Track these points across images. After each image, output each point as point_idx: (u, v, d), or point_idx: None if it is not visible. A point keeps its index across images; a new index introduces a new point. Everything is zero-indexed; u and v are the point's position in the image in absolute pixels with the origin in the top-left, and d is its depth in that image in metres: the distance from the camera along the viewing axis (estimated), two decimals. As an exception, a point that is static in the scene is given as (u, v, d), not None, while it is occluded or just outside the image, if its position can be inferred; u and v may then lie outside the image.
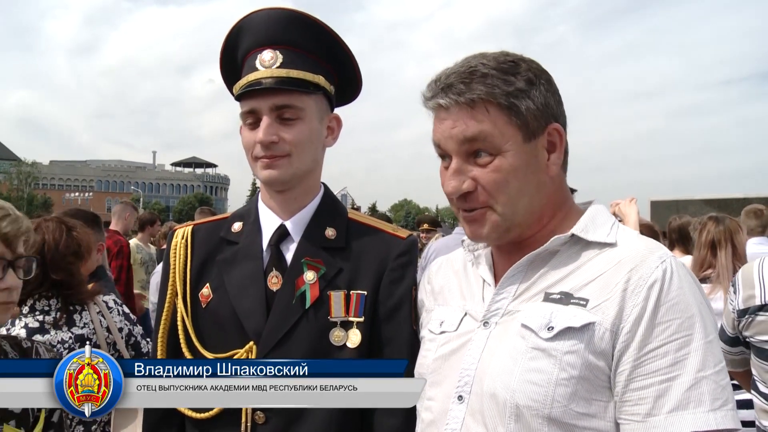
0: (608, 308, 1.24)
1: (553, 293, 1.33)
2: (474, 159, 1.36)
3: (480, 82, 1.34)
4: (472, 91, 1.33)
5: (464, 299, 1.54)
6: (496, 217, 1.38)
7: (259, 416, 1.59)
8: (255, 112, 1.66)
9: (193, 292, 1.74)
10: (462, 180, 1.37)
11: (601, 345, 1.23)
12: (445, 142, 1.38)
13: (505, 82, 1.34)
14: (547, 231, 1.43)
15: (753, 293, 2.91)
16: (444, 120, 1.38)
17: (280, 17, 1.68)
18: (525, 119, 1.35)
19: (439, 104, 1.37)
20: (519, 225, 1.40)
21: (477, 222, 1.40)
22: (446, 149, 1.39)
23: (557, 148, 1.41)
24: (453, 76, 1.37)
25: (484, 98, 1.33)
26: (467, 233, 1.47)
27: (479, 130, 1.33)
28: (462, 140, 1.35)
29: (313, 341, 1.62)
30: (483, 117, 1.33)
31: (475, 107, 1.33)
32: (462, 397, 1.37)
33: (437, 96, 1.38)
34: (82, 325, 2.49)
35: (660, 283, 1.22)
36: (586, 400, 1.23)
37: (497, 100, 1.33)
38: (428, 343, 1.54)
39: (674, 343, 1.19)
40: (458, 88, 1.34)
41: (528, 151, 1.36)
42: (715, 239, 4.02)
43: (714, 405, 1.16)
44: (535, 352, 1.27)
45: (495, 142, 1.33)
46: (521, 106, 1.34)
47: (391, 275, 1.69)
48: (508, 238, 1.42)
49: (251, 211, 1.82)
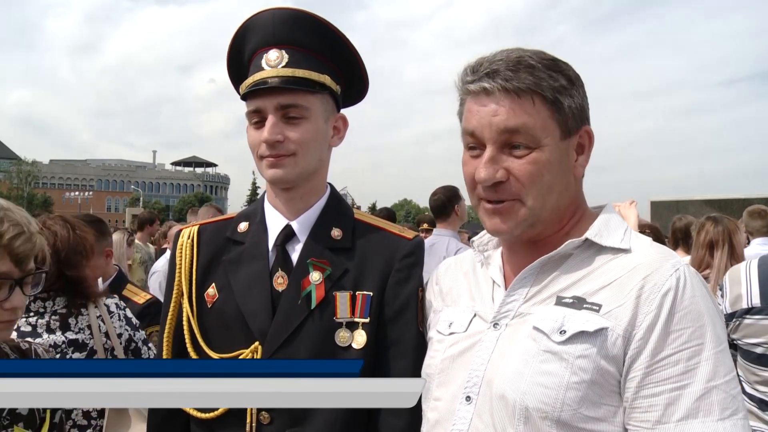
0: (621, 314, 1.24)
1: (566, 297, 1.33)
2: (510, 150, 1.35)
3: (527, 72, 1.33)
4: (520, 80, 1.32)
5: (473, 300, 1.53)
6: (525, 211, 1.37)
7: (264, 416, 1.59)
8: (260, 111, 1.66)
9: (198, 292, 1.74)
10: (496, 169, 1.35)
11: (613, 350, 1.23)
12: (482, 129, 1.36)
13: (551, 77, 1.34)
14: (563, 233, 1.43)
15: (740, 296, 2.91)
16: (485, 105, 1.36)
17: (287, 17, 1.68)
18: (565, 116, 1.35)
19: (483, 88, 1.35)
20: (543, 222, 1.40)
21: (503, 215, 1.39)
22: (482, 137, 1.37)
23: (585, 151, 1.42)
24: (499, 62, 1.35)
25: (533, 89, 1.32)
26: (488, 226, 1.45)
27: (522, 123, 1.32)
28: (503, 130, 1.33)
29: (318, 342, 1.61)
30: (528, 109, 1.32)
31: (521, 97, 1.33)
32: (470, 398, 1.37)
33: (482, 80, 1.35)
34: (77, 330, 2.41)
35: (674, 292, 1.23)
36: (595, 404, 1.23)
37: (543, 93, 1.33)
38: (436, 344, 1.54)
39: (686, 352, 1.20)
40: (506, 74, 1.33)
41: (563, 149, 1.37)
42: (713, 239, 4.03)
43: (723, 414, 1.17)
44: (546, 355, 1.27)
45: (536, 136, 1.33)
46: (564, 102, 1.35)
47: (397, 276, 1.69)
48: (529, 234, 1.42)
49: (257, 211, 1.82)
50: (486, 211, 1.42)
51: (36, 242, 1.56)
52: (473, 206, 1.49)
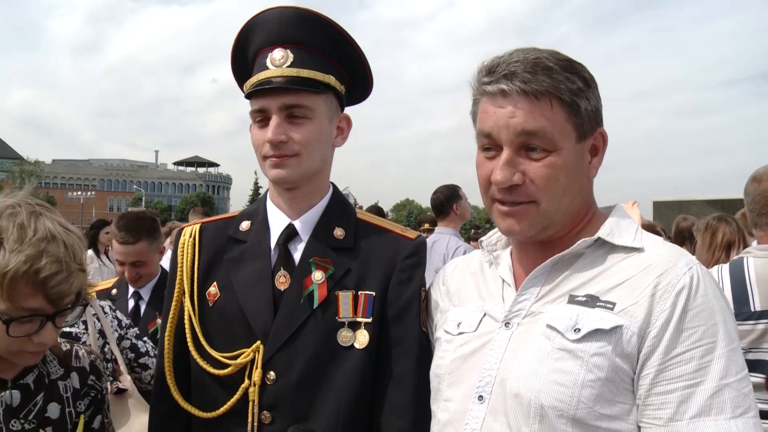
0: (636, 312, 1.25)
1: (579, 296, 1.33)
2: (526, 152, 1.35)
3: (545, 74, 1.32)
4: (539, 82, 1.32)
5: (483, 300, 1.53)
6: (539, 214, 1.37)
7: (265, 416, 1.59)
8: (264, 111, 1.65)
9: (200, 291, 1.74)
10: (513, 172, 1.35)
11: (628, 348, 1.23)
12: (499, 131, 1.35)
13: (568, 79, 1.34)
14: (575, 233, 1.43)
15: None
16: (502, 107, 1.35)
17: (292, 16, 1.68)
18: (582, 119, 1.35)
19: (501, 89, 1.34)
20: (557, 224, 1.40)
21: (517, 216, 1.39)
22: (498, 139, 1.36)
23: (599, 153, 1.42)
24: (516, 64, 1.34)
25: (551, 91, 1.32)
26: (502, 227, 1.45)
27: (540, 126, 1.32)
28: (520, 132, 1.33)
29: (320, 341, 1.61)
30: (547, 112, 1.32)
31: (540, 99, 1.32)
32: (483, 397, 1.36)
33: (499, 81, 1.35)
34: (72, 323, 2.44)
35: (688, 290, 1.23)
36: (610, 402, 1.23)
37: (561, 96, 1.33)
38: (445, 344, 1.53)
39: (698, 350, 1.20)
40: (524, 77, 1.33)
41: (578, 152, 1.37)
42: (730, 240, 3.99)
43: (735, 412, 1.17)
44: (561, 353, 1.27)
45: (553, 139, 1.33)
46: (581, 105, 1.35)
47: (400, 276, 1.69)
48: (543, 236, 1.42)
49: (259, 210, 1.81)
50: (500, 212, 1.42)
51: (73, 282, 1.45)
52: (486, 207, 1.48)
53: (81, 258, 1.50)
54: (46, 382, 1.63)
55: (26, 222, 1.42)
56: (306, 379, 1.59)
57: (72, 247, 1.47)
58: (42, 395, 1.61)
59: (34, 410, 1.58)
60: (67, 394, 1.66)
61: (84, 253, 1.54)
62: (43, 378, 1.63)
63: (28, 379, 1.60)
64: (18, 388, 1.57)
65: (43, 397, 1.60)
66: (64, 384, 1.67)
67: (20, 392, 1.57)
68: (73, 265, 1.46)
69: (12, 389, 1.56)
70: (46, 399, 1.61)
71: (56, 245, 1.43)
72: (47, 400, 1.61)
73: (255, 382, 1.59)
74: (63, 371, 1.69)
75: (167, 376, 1.73)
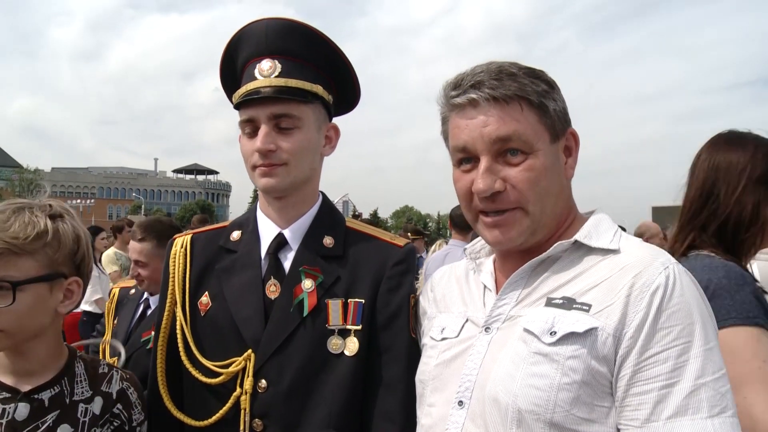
0: (611, 314, 1.25)
1: (555, 298, 1.34)
2: (504, 159, 1.36)
3: (511, 79, 1.35)
4: (506, 87, 1.34)
5: (465, 306, 1.54)
6: (527, 219, 1.38)
7: (257, 424, 1.59)
8: (253, 121, 1.67)
9: (192, 301, 1.75)
10: (494, 179, 1.36)
11: (603, 350, 1.23)
12: (474, 142, 1.37)
13: (533, 83, 1.36)
14: (557, 238, 1.43)
15: None
16: (473, 118, 1.37)
17: (279, 27, 1.70)
18: (552, 119, 1.37)
19: (471, 99, 1.37)
20: (544, 227, 1.41)
21: (503, 225, 1.40)
22: (474, 150, 1.38)
23: (573, 153, 1.44)
24: (481, 74, 1.37)
25: (519, 95, 1.34)
26: (489, 239, 1.45)
27: (514, 130, 1.34)
28: (495, 139, 1.35)
29: (310, 349, 1.62)
30: (518, 115, 1.34)
31: (509, 104, 1.34)
32: (462, 402, 1.37)
33: (468, 92, 1.37)
34: None
35: (663, 290, 1.23)
36: (588, 405, 1.23)
37: (530, 98, 1.35)
38: (429, 350, 1.55)
39: (674, 350, 1.20)
40: (491, 84, 1.35)
41: (554, 153, 1.39)
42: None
43: (712, 412, 1.17)
44: (537, 357, 1.27)
45: (529, 141, 1.34)
46: (549, 105, 1.37)
47: (389, 283, 1.70)
48: (532, 241, 1.42)
49: (250, 220, 1.83)
50: (485, 224, 1.43)
51: None
52: (470, 221, 1.48)
53: (16, 236, 1.49)
54: (66, 402, 1.58)
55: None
56: (297, 387, 1.60)
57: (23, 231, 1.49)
58: (55, 415, 1.54)
59: (41, 428, 1.52)
60: (85, 418, 1.60)
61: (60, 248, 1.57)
62: (62, 397, 1.58)
63: (45, 394, 1.56)
64: (29, 402, 1.53)
65: (55, 417, 1.54)
66: (85, 407, 1.61)
67: (30, 406, 1.52)
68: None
69: (21, 402, 1.52)
70: (58, 419, 1.54)
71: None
72: (59, 420, 1.55)
73: (246, 390, 1.59)
74: (90, 394, 1.64)
75: (160, 386, 1.74)
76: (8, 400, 1.52)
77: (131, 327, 3.35)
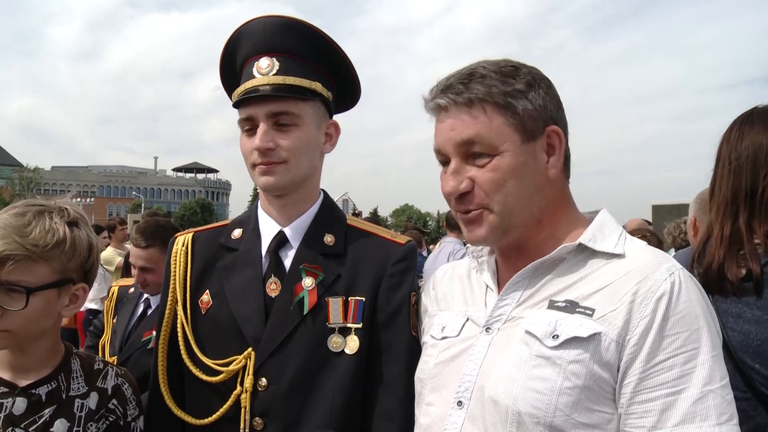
0: (615, 319, 1.24)
1: (558, 301, 1.33)
2: (473, 160, 1.38)
3: (479, 82, 1.36)
4: (471, 90, 1.36)
5: (467, 305, 1.54)
6: (493, 218, 1.38)
7: (257, 422, 1.59)
8: (252, 119, 1.67)
9: (193, 299, 1.75)
10: (459, 180, 1.38)
11: (606, 356, 1.23)
12: (444, 145, 1.40)
13: (504, 83, 1.36)
14: (547, 235, 1.43)
15: None
16: (443, 122, 1.40)
17: (277, 25, 1.69)
18: (522, 119, 1.36)
19: (438, 104, 1.40)
20: (517, 227, 1.40)
21: (474, 224, 1.41)
22: (446, 153, 1.41)
23: (556, 151, 1.42)
24: (453, 78, 1.40)
25: (482, 98, 1.35)
26: (467, 237, 1.47)
27: (476, 133, 1.35)
28: (459, 143, 1.37)
29: (311, 347, 1.62)
30: (480, 118, 1.35)
31: (472, 107, 1.35)
32: (461, 403, 1.37)
33: (437, 97, 1.40)
34: None
35: (668, 296, 1.22)
36: (588, 410, 1.22)
37: (494, 100, 1.35)
38: (429, 349, 1.54)
39: (681, 357, 1.19)
40: (457, 88, 1.37)
41: (527, 152, 1.37)
42: None
43: (720, 419, 1.16)
44: (539, 359, 1.27)
45: (492, 143, 1.35)
46: (518, 106, 1.36)
47: (390, 281, 1.70)
48: (507, 240, 1.43)
49: (251, 218, 1.83)
50: (462, 221, 1.45)
51: None
52: (456, 219, 1.51)
53: (36, 243, 1.51)
54: (62, 397, 1.61)
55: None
56: (297, 386, 1.60)
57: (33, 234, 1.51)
58: (52, 409, 1.58)
59: (38, 422, 1.55)
60: (81, 413, 1.63)
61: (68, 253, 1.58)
62: (59, 392, 1.61)
63: (42, 389, 1.59)
64: (27, 397, 1.56)
65: (52, 412, 1.58)
66: (81, 403, 1.64)
67: (27, 401, 1.55)
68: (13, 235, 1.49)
69: (19, 396, 1.55)
70: (55, 414, 1.58)
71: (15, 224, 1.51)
72: (56, 415, 1.58)
73: (246, 388, 1.59)
74: (86, 390, 1.67)
75: (161, 384, 1.74)
76: (6, 394, 1.55)
77: (130, 326, 3.35)
